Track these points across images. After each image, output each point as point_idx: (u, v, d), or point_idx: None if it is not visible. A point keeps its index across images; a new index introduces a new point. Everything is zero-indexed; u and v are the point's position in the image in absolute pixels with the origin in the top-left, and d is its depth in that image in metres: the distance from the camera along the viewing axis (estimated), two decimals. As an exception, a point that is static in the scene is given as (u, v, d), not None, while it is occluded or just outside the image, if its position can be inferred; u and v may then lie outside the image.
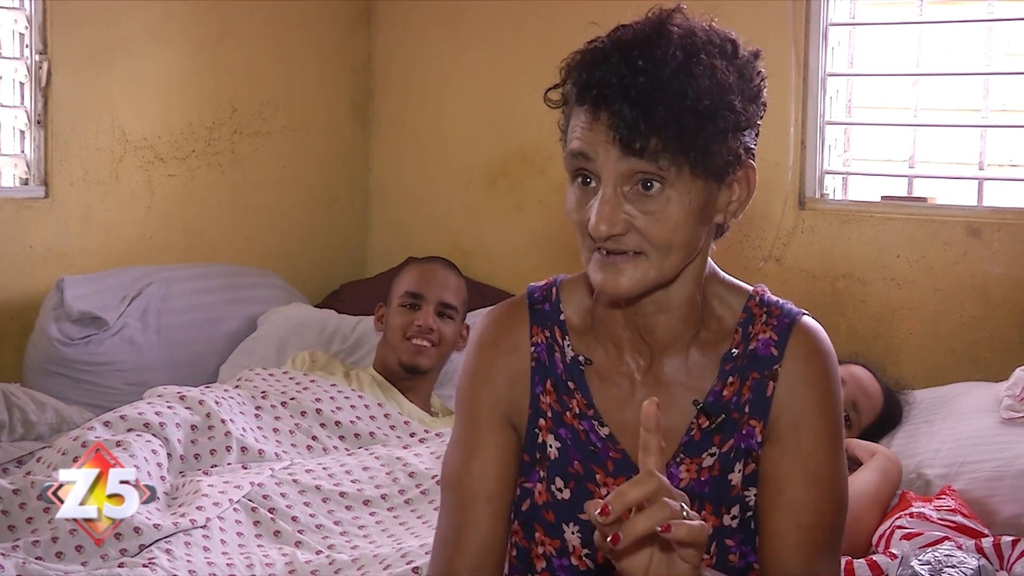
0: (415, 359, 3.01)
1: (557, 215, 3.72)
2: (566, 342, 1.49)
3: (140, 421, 2.48)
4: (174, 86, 3.53)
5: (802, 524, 1.40)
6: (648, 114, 1.31)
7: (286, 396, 2.78)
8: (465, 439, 1.49)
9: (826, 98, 3.25)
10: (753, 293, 1.48)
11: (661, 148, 1.31)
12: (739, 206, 1.42)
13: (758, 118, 1.40)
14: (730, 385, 1.44)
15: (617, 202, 1.35)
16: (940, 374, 3.00)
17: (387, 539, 2.30)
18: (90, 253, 3.35)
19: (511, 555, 1.51)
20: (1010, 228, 2.97)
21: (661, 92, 1.31)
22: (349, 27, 3.97)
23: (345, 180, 4.02)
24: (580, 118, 1.37)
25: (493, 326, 1.52)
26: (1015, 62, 3.21)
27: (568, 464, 1.46)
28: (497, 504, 1.47)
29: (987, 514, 2.38)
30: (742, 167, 1.39)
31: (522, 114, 3.70)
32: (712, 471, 1.44)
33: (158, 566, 2.03)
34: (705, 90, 1.32)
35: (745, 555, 1.45)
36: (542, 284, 1.54)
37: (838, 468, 1.44)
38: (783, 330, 1.44)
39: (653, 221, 1.34)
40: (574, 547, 1.46)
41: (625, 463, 1.45)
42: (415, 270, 3.13)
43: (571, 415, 1.47)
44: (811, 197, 3.26)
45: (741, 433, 1.44)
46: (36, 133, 3.24)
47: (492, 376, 1.49)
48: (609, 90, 1.32)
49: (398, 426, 2.81)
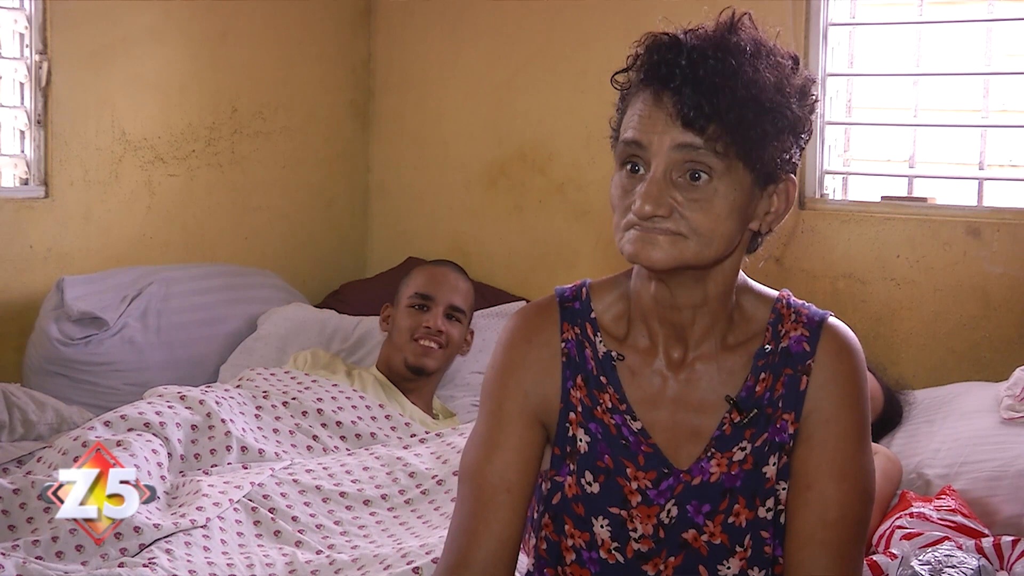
0: (422, 360, 3.00)
1: (557, 215, 3.73)
2: (598, 338, 1.51)
3: (140, 421, 2.48)
4: (174, 86, 3.53)
5: (827, 521, 1.44)
6: (712, 98, 1.35)
7: (287, 396, 2.78)
8: (489, 431, 1.51)
9: (826, 98, 3.25)
10: (780, 297, 1.52)
11: (719, 134, 1.35)
12: (775, 218, 1.46)
13: (808, 135, 1.46)
14: (762, 381, 1.47)
15: (665, 185, 1.38)
16: (940, 374, 3.00)
17: (387, 539, 2.30)
18: (90, 253, 3.35)
19: (541, 548, 1.52)
20: (1010, 228, 2.97)
21: (728, 78, 1.36)
22: (349, 27, 3.97)
23: (345, 180, 4.02)
24: (639, 104, 1.40)
25: (523, 323, 1.54)
26: (1015, 62, 3.21)
27: (598, 458, 1.48)
28: (517, 497, 1.48)
29: (987, 514, 2.38)
30: (784, 179, 1.44)
31: (522, 114, 3.71)
32: (744, 465, 1.46)
33: (158, 566, 2.03)
34: (770, 86, 1.38)
35: (778, 547, 1.48)
36: (571, 286, 1.56)
37: (865, 463, 1.47)
38: (813, 328, 1.49)
39: (698, 208, 1.37)
40: (603, 540, 1.48)
41: (656, 457, 1.47)
42: (425, 272, 3.12)
43: (602, 409, 1.49)
44: (811, 197, 3.26)
45: (775, 427, 1.47)
46: (36, 133, 3.24)
47: (521, 371, 1.51)
48: (677, 70, 1.36)
49: (399, 427, 2.82)
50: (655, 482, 1.47)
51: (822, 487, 1.44)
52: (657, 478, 1.47)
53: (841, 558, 1.43)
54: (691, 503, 1.46)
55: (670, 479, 1.47)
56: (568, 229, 3.63)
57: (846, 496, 1.44)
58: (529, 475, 1.50)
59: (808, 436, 1.46)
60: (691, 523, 1.46)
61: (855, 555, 1.46)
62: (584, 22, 3.54)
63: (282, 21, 3.78)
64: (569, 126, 3.57)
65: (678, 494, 1.46)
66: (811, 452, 1.46)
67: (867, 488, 1.47)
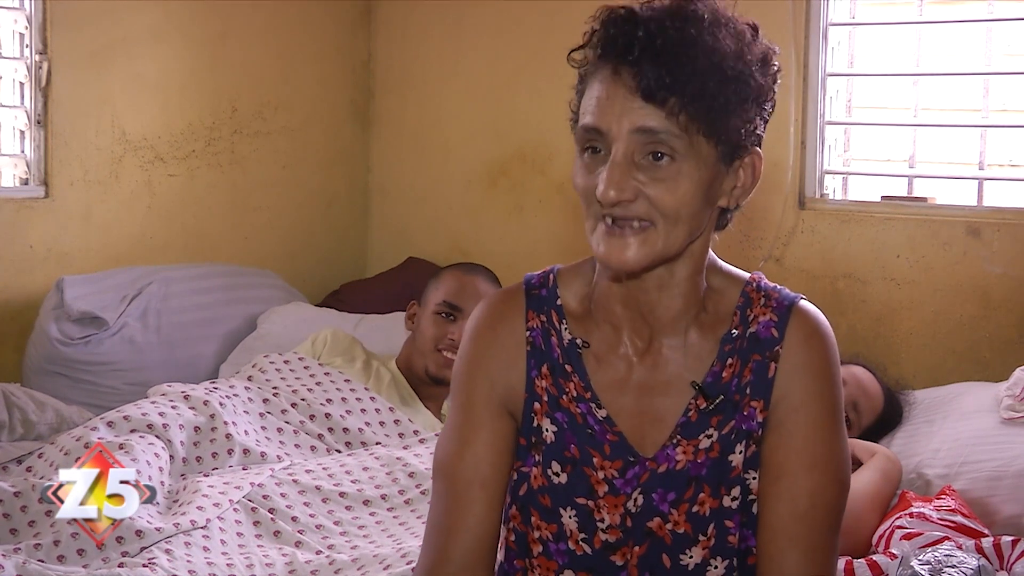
0: (443, 372, 2.94)
1: (557, 215, 3.73)
2: (563, 326, 1.48)
3: (144, 422, 2.47)
4: (174, 86, 3.53)
5: (798, 512, 1.41)
6: (672, 69, 1.31)
7: (296, 396, 2.76)
8: (460, 425, 1.49)
9: (826, 98, 3.24)
10: (750, 279, 1.49)
11: (681, 106, 1.32)
12: (743, 192, 1.42)
13: (771, 106, 1.42)
14: (729, 367, 1.44)
15: (627, 168, 1.35)
16: (940, 374, 3.00)
17: (387, 539, 2.30)
18: (90, 253, 3.35)
19: (509, 540, 1.51)
20: (1010, 228, 2.97)
21: (688, 48, 1.32)
22: (349, 27, 3.97)
23: (345, 180, 4.02)
24: (596, 85, 1.38)
25: (488, 312, 1.52)
26: (1015, 62, 3.21)
27: (564, 448, 1.46)
28: (492, 490, 1.47)
29: (987, 514, 2.38)
30: (750, 153, 1.40)
31: (522, 114, 3.71)
32: (711, 453, 1.44)
33: (158, 566, 2.03)
34: (731, 54, 1.35)
35: (745, 538, 1.45)
36: (539, 272, 1.54)
37: (838, 451, 1.44)
38: (783, 312, 1.45)
39: (664, 190, 1.34)
40: (571, 531, 1.46)
41: (622, 445, 1.45)
42: (456, 278, 3.03)
43: (568, 398, 1.47)
44: (811, 197, 3.26)
45: (742, 415, 1.44)
46: (36, 133, 3.24)
47: (487, 362, 1.49)
48: (635, 42, 1.33)
49: (407, 435, 2.79)
50: (621, 471, 1.44)
51: (792, 477, 1.41)
52: (623, 467, 1.44)
53: (813, 550, 1.41)
54: (656, 491, 1.44)
55: (636, 467, 1.44)
56: (568, 229, 3.63)
57: (817, 486, 1.41)
58: (503, 468, 1.48)
59: (777, 424, 1.43)
60: (656, 511, 1.44)
61: (828, 546, 1.43)
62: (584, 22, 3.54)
63: (282, 21, 3.78)
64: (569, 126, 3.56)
65: (644, 482, 1.44)
66: (781, 441, 1.42)
67: (840, 477, 1.43)
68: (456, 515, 1.46)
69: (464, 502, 1.46)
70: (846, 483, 1.45)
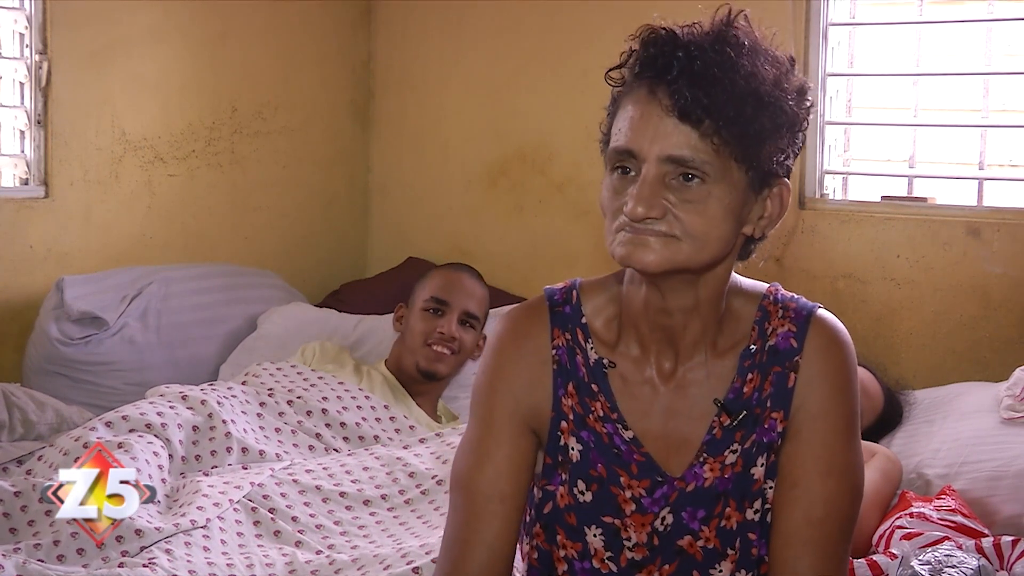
0: (433, 365, 2.99)
1: (557, 215, 3.73)
2: (589, 344, 1.48)
3: (142, 422, 2.48)
4: (174, 86, 3.53)
5: (812, 519, 1.42)
6: (709, 91, 1.32)
7: (292, 395, 2.77)
8: (480, 439, 1.48)
9: (826, 98, 3.24)
10: (767, 292, 1.49)
11: (715, 129, 1.32)
12: (769, 223, 1.43)
13: (802, 138, 1.42)
14: (749, 382, 1.45)
15: (657, 187, 1.34)
16: (940, 374, 2.99)
17: (387, 539, 2.30)
18: (90, 253, 3.35)
19: (532, 557, 1.51)
20: (1010, 228, 2.97)
21: (727, 71, 1.32)
22: (349, 27, 3.97)
23: (345, 180, 4.02)
24: (630, 107, 1.37)
25: (512, 328, 1.51)
26: (1015, 62, 3.21)
27: (591, 467, 1.46)
28: (510, 506, 1.46)
29: (987, 514, 2.38)
30: (779, 183, 1.40)
31: (522, 114, 3.71)
32: (735, 468, 1.44)
33: (158, 566, 2.03)
34: (769, 81, 1.35)
35: (761, 547, 1.46)
36: (561, 287, 1.53)
37: (853, 459, 1.45)
38: (801, 322, 1.46)
39: (692, 210, 1.34)
40: (596, 550, 1.47)
41: (649, 466, 1.45)
42: (442, 276, 3.09)
43: (594, 418, 1.47)
44: (811, 197, 3.26)
45: (763, 427, 1.45)
46: (36, 133, 3.24)
47: (511, 378, 1.48)
48: (675, 62, 1.33)
49: (403, 430, 2.80)
50: (649, 490, 1.45)
51: (808, 484, 1.42)
52: (651, 486, 1.45)
53: (825, 557, 1.42)
54: (686, 510, 1.45)
55: (664, 487, 1.45)
56: (568, 229, 3.63)
57: (832, 493, 1.42)
58: (522, 483, 1.48)
59: (796, 432, 1.44)
60: (686, 529, 1.45)
61: (840, 553, 1.43)
62: (584, 22, 3.54)
63: (282, 21, 3.78)
64: (569, 126, 3.56)
65: (673, 501, 1.45)
66: (798, 449, 1.43)
67: (855, 485, 1.44)
68: (474, 529, 1.46)
69: (482, 517, 1.46)
70: (860, 491, 1.46)
